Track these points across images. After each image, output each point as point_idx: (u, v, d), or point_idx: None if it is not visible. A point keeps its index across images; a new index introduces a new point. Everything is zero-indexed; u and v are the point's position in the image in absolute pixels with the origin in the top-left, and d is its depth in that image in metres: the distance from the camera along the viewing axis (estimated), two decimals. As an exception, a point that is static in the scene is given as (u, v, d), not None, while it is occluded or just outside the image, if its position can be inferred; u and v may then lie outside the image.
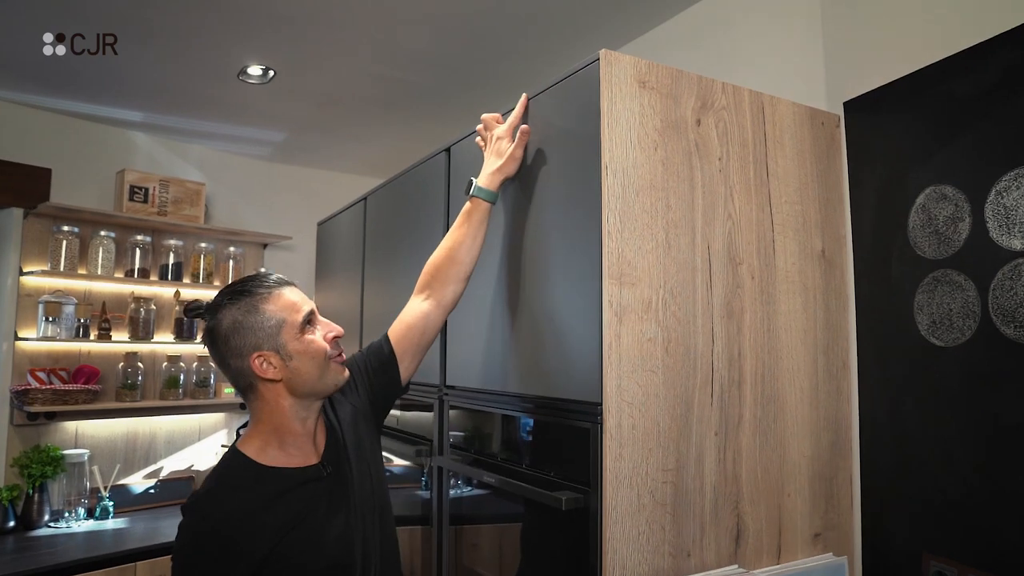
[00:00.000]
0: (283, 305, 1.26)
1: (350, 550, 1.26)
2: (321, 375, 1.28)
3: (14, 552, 2.82)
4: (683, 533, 1.40)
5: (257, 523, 1.19)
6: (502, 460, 1.65)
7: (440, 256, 1.54)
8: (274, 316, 1.25)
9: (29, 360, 3.25)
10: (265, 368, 1.24)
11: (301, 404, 1.28)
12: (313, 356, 1.26)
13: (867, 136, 1.71)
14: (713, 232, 1.49)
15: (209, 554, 1.17)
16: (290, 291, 1.29)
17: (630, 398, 1.34)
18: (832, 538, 1.65)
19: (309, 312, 1.28)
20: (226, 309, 1.25)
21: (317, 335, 1.28)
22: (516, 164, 1.57)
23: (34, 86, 3.06)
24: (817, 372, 1.65)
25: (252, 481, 1.23)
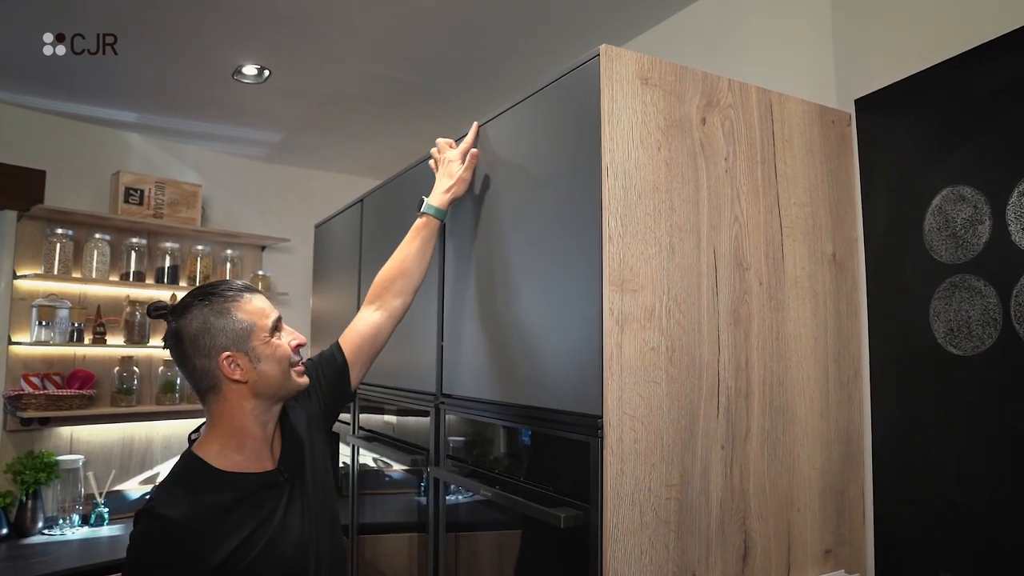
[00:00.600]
0: (252, 310, 1.30)
1: (305, 555, 1.29)
2: (285, 379, 1.32)
3: (7, 560, 2.77)
4: (688, 551, 1.34)
5: (214, 529, 1.19)
6: (500, 472, 1.59)
7: (390, 269, 1.61)
8: (244, 320, 1.28)
9: (23, 365, 3.20)
10: (232, 369, 1.26)
11: (263, 407, 1.31)
12: (279, 360, 1.30)
13: (879, 135, 1.64)
14: (719, 236, 1.43)
15: (163, 560, 1.16)
16: (258, 298, 1.34)
17: (632, 410, 1.27)
18: (844, 554, 1.58)
19: (277, 319, 1.33)
20: (196, 309, 1.27)
21: (283, 341, 1.33)
22: (465, 186, 1.67)
23: (28, 86, 3.01)
24: (828, 381, 1.59)
25: (209, 486, 1.23)
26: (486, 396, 1.63)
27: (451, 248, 1.84)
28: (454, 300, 1.81)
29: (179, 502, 1.19)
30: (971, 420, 1.41)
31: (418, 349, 1.99)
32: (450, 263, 1.84)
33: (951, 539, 1.44)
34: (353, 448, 2.47)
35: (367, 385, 2.39)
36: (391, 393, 2.19)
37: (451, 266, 1.84)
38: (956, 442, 1.44)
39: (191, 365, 1.27)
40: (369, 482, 2.42)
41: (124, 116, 3.38)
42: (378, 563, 2.31)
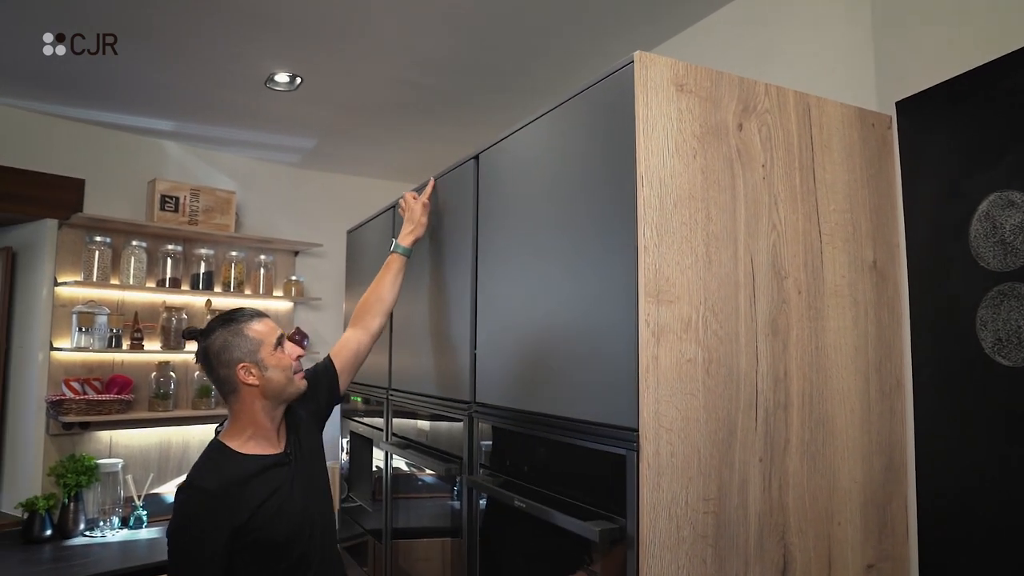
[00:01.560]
0: (260, 330, 1.66)
1: (306, 517, 1.62)
2: (287, 383, 1.66)
3: (52, 561, 2.83)
4: (726, 567, 1.31)
5: (239, 497, 1.53)
6: (534, 483, 1.58)
7: (369, 296, 1.99)
8: (254, 338, 1.64)
9: (64, 370, 3.27)
10: (247, 376, 1.61)
11: (271, 405, 1.65)
12: (283, 369, 1.65)
13: (922, 138, 1.59)
14: (757, 244, 1.40)
15: (201, 522, 1.50)
16: (265, 322, 1.70)
17: (668, 423, 1.25)
18: (887, 570, 1.54)
19: (280, 336, 1.68)
20: (218, 331, 1.64)
21: (281, 350, 1.67)
22: (423, 230, 2.07)
23: (66, 97, 3.07)
24: (869, 392, 1.55)
25: (233, 464, 1.58)
26: (520, 406, 1.62)
27: (483, 257, 1.84)
28: (487, 309, 1.81)
29: (211, 476, 1.55)
30: (1021, 434, 1.36)
31: (451, 357, 1.99)
32: (483, 271, 1.84)
33: (1001, 556, 1.39)
34: (386, 454, 2.48)
35: (400, 392, 2.39)
36: (424, 400, 2.19)
37: (484, 274, 1.83)
38: (1006, 455, 1.39)
39: (216, 374, 1.63)
40: (402, 486, 2.42)
41: (160, 125, 3.44)
42: (411, 569, 2.31)
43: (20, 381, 3.29)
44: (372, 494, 2.68)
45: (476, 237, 1.87)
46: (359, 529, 2.81)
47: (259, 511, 1.53)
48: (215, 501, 1.50)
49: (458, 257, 1.97)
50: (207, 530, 1.49)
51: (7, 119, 3.20)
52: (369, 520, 2.68)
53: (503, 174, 1.77)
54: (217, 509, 1.50)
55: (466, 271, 1.91)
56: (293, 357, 1.67)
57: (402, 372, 2.40)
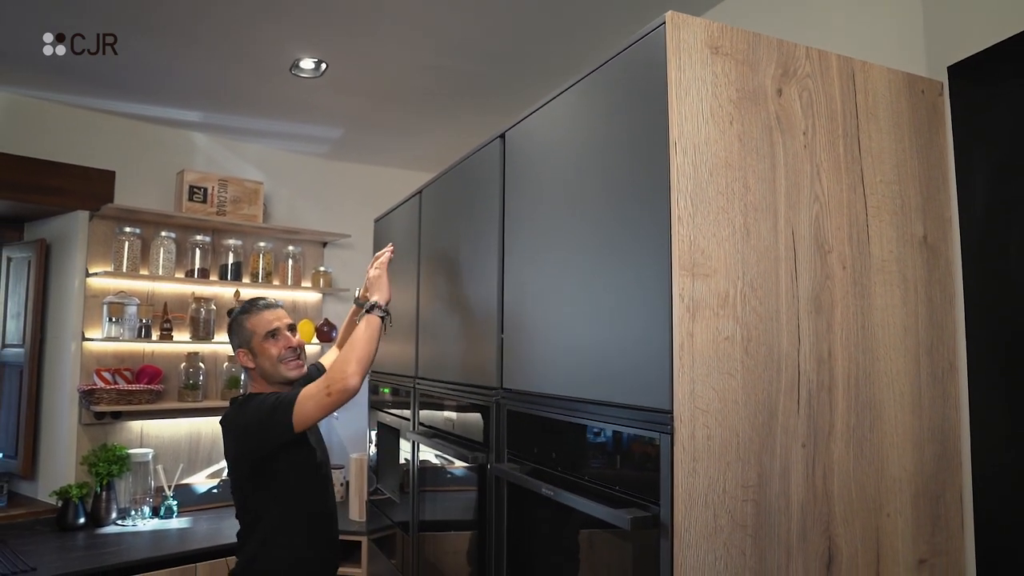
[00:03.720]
0: (258, 321, 1.99)
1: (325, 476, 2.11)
2: (275, 370, 1.99)
3: (85, 549, 2.85)
4: (766, 558, 1.23)
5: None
6: (563, 470, 1.51)
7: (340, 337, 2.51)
8: (251, 328, 2.00)
9: (96, 360, 3.29)
10: (244, 359, 2.02)
11: (272, 385, 2.00)
12: (268, 358, 1.99)
13: (977, 104, 1.49)
14: (798, 216, 1.32)
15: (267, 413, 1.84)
16: (270, 312, 2.02)
17: (705, 405, 1.18)
18: (941, 565, 1.45)
19: (273, 328, 1.99)
20: (235, 316, 2.04)
21: (274, 344, 1.99)
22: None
23: (95, 89, 3.07)
24: (920, 375, 1.45)
25: None
26: (548, 390, 1.56)
27: (510, 238, 1.77)
28: (514, 292, 1.74)
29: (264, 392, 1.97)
30: (1089, 418, 1.26)
31: (478, 343, 1.93)
32: (509, 253, 1.77)
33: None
34: (413, 444, 2.43)
35: (427, 380, 2.34)
36: (450, 388, 2.13)
37: (510, 256, 1.77)
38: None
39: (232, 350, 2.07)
40: (429, 479, 2.37)
41: (188, 116, 3.44)
42: (439, 562, 2.26)
43: (54, 371, 3.31)
44: (400, 487, 2.64)
45: (502, 218, 1.81)
46: (387, 521, 2.76)
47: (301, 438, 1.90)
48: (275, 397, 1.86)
49: (484, 241, 1.91)
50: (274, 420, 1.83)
51: (39, 112, 3.22)
52: (397, 512, 2.64)
53: (529, 151, 1.71)
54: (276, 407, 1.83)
55: (493, 254, 1.85)
56: (280, 347, 1.98)
57: (429, 360, 2.35)
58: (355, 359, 1.82)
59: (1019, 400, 1.39)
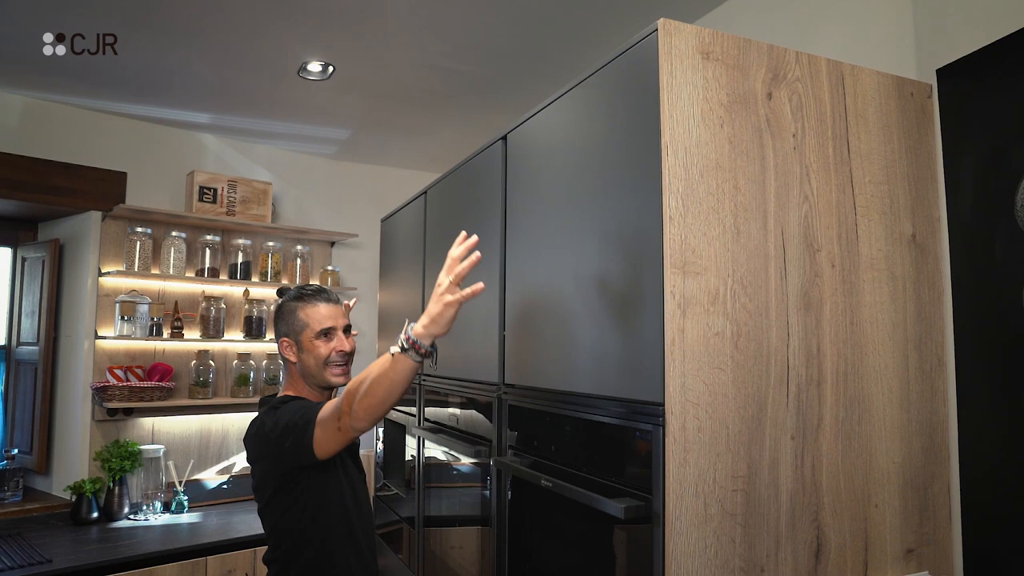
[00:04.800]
0: (313, 313, 1.73)
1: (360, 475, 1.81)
2: (319, 372, 1.73)
3: (99, 542, 2.91)
4: (756, 547, 1.28)
5: None
6: (562, 462, 1.56)
7: None
8: (304, 320, 1.73)
9: (108, 358, 3.35)
10: (286, 350, 1.76)
11: (311, 387, 1.76)
12: (316, 357, 1.73)
13: (964, 106, 1.53)
14: (787, 216, 1.36)
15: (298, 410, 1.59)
16: (327, 306, 1.75)
17: (695, 398, 1.22)
18: (928, 555, 1.49)
19: (328, 327, 1.73)
20: (284, 301, 1.79)
21: (325, 344, 1.73)
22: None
23: (108, 91, 3.14)
24: (908, 370, 1.49)
25: None
26: (547, 385, 1.60)
27: (511, 238, 1.82)
28: (515, 290, 1.79)
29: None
30: (1070, 411, 1.30)
31: (480, 340, 1.98)
32: (511, 253, 1.82)
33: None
34: (419, 440, 2.48)
35: (432, 377, 2.39)
36: (455, 384, 2.18)
37: (512, 255, 1.82)
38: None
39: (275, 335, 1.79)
40: (434, 476, 2.42)
41: (198, 118, 3.50)
42: (444, 556, 2.31)
43: (67, 369, 3.38)
44: (406, 483, 2.69)
45: (504, 218, 1.86)
46: (394, 516, 2.82)
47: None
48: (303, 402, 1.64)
49: (487, 240, 1.95)
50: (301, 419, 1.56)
51: (53, 115, 3.29)
52: (403, 507, 2.69)
53: (530, 153, 1.76)
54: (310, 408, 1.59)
55: (495, 254, 1.89)
56: (332, 350, 1.72)
57: (433, 357, 2.40)
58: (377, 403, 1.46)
59: (1007, 394, 1.43)
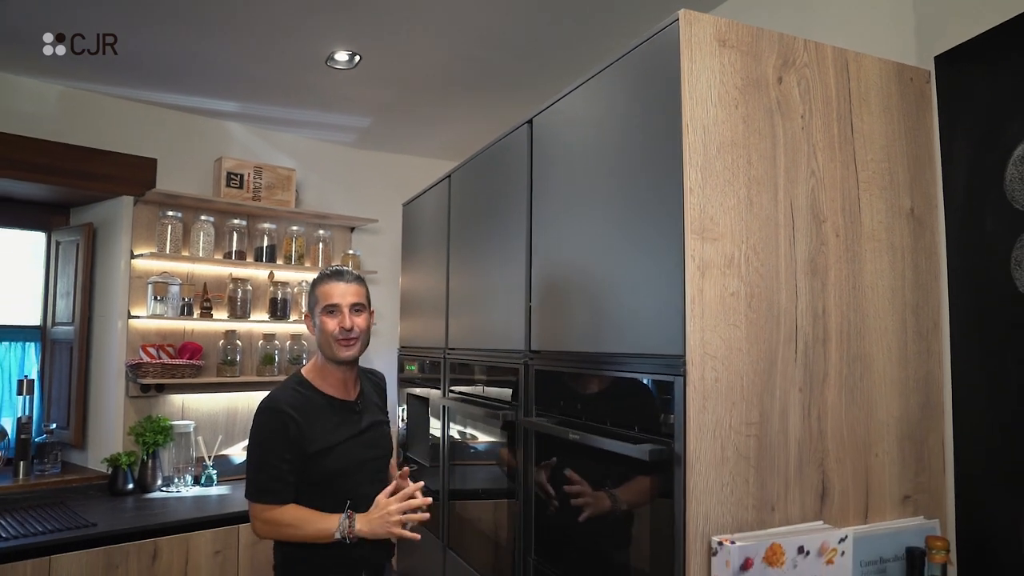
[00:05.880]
0: (323, 292, 1.88)
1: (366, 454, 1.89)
2: (328, 345, 1.86)
3: (135, 510, 3.06)
4: (767, 487, 1.42)
5: (312, 422, 1.80)
6: (586, 419, 1.70)
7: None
8: (316, 297, 1.89)
9: (140, 337, 3.50)
10: (308, 324, 1.95)
11: (330, 361, 1.88)
12: (323, 331, 1.86)
13: (960, 90, 1.66)
14: (796, 189, 1.49)
15: (277, 434, 1.76)
16: (337, 286, 1.88)
17: (713, 351, 1.36)
18: (923, 501, 1.63)
19: (334, 304, 1.86)
20: (315, 278, 1.94)
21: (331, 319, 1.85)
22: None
23: (140, 81, 3.27)
24: (906, 332, 1.63)
25: (310, 392, 1.86)
26: (574, 348, 1.74)
27: (537, 215, 1.96)
28: (541, 263, 1.93)
29: (289, 398, 1.82)
30: (1052, 365, 1.43)
31: (506, 312, 2.11)
32: (537, 228, 1.96)
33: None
34: (444, 409, 2.62)
35: (458, 350, 2.53)
36: (482, 355, 2.32)
37: (538, 231, 1.95)
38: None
39: None
40: (458, 454, 2.57)
41: (225, 106, 3.63)
42: (471, 524, 2.45)
43: (102, 348, 3.52)
44: (430, 454, 2.83)
45: (530, 197, 1.99)
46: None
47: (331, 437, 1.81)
48: (290, 418, 1.77)
49: (513, 218, 2.09)
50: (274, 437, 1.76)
51: (87, 103, 3.43)
52: (427, 480, 2.84)
53: (556, 134, 1.89)
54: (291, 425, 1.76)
55: (521, 230, 2.03)
56: (335, 325, 1.84)
57: (459, 332, 2.54)
58: (286, 531, 1.76)
59: (997, 355, 1.56)
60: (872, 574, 1.50)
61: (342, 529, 1.72)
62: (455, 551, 2.51)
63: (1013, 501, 1.50)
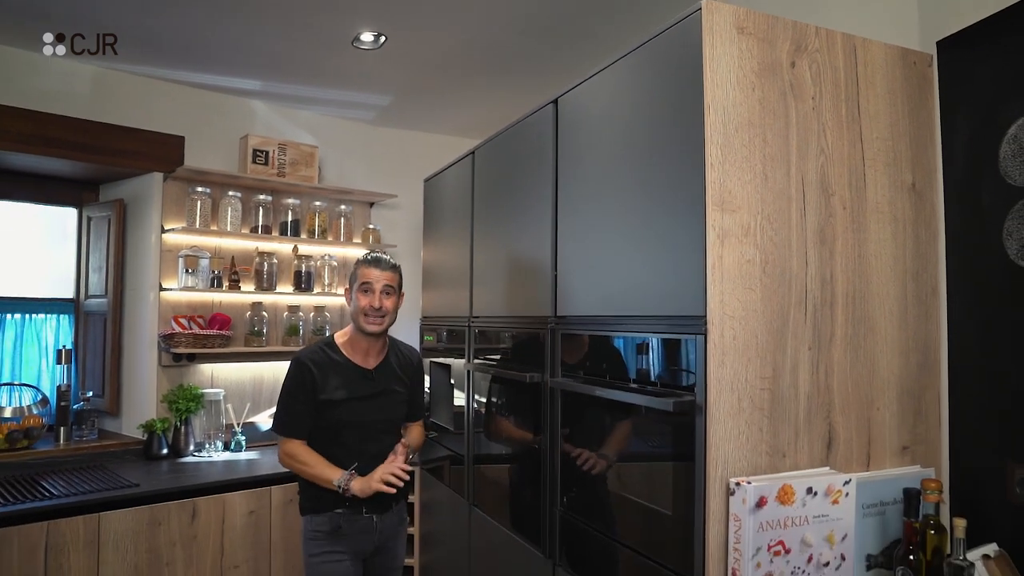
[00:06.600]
0: (362, 272, 2.32)
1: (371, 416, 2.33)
2: (358, 318, 2.32)
3: (169, 473, 3.24)
4: (779, 435, 1.57)
5: (327, 376, 2.29)
6: (611, 378, 1.85)
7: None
8: (356, 275, 2.34)
9: (171, 308, 3.65)
10: (346, 296, 2.40)
11: (354, 328, 2.35)
12: (356, 307, 2.32)
13: (960, 73, 1.79)
14: (807, 165, 1.63)
15: (299, 381, 2.28)
16: (374, 271, 2.31)
17: (731, 312, 1.51)
18: (920, 451, 1.78)
19: (368, 283, 2.29)
20: (358, 259, 2.38)
21: (364, 297, 2.29)
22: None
23: (168, 60, 3.39)
24: (906, 297, 1.77)
25: (334, 353, 2.35)
26: (601, 312, 1.89)
27: (563, 188, 2.09)
28: (567, 233, 2.07)
29: (313, 355, 2.33)
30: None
31: (532, 280, 2.26)
32: (563, 201, 2.09)
33: (1021, 435, 1.62)
34: (468, 375, 2.77)
35: (481, 318, 2.68)
36: (507, 322, 2.47)
37: (564, 203, 2.09)
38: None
39: None
40: (482, 418, 2.72)
41: (251, 85, 3.76)
42: (496, 484, 2.62)
43: (134, 319, 3.67)
44: (454, 420, 2.99)
45: (556, 171, 2.12)
46: (442, 452, 3.12)
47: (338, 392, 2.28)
48: (308, 369, 2.27)
49: (539, 192, 2.23)
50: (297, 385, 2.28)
51: (117, 82, 3.55)
52: (452, 443, 3.00)
53: (582, 113, 2.02)
54: (309, 375, 2.26)
55: (547, 204, 2.16)
56: (367, 302, 2.28)
57: (483, 301, 2.68)
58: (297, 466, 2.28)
59: (989, 319, 1.71)
60: (872, 515, 1.66)
61: (340, 483, 2.20)
62: (479, 508, 2.67)
63: (1001, 449, 1.66)
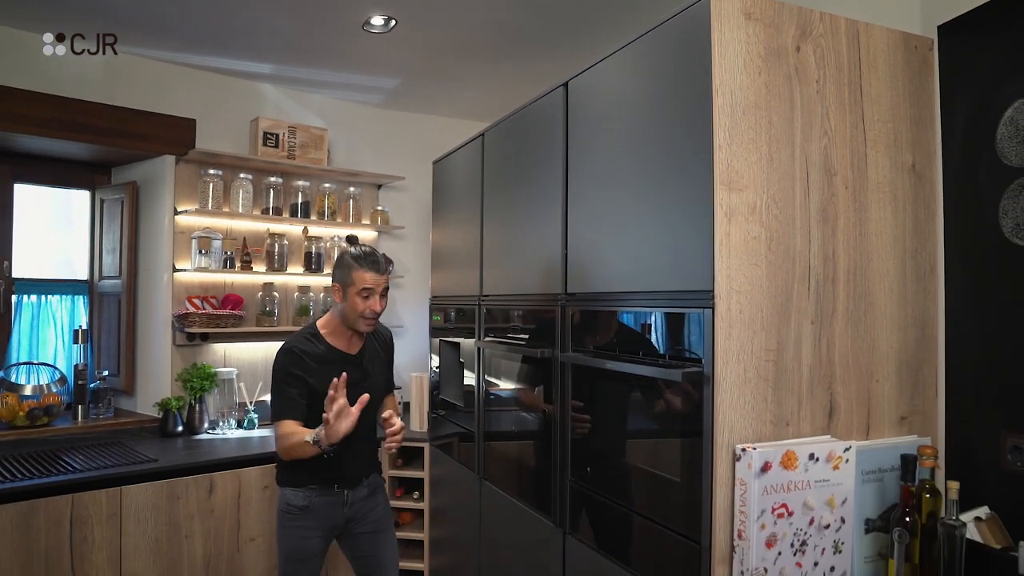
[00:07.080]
0: (361, 277, 2.35)
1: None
2: (353, 319, 2.40)
3: (184, 449, 3.32)
4: (783, 405, 1.65)
5: (316, 364, 2.38)
6: (620, 352, 1.92)
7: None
8: (353, 278, 2.35)
9: (184, 289, 3.72)
10: (335, 292, 2.43)
11: (345, 325, 2.43)
12: (353, 308, 2.38)
13: (959, 57, 1.84)
14: (811, 146, 1.69)
15: (287, 370, 2.36)
16: (374, 276, 2.36)
17: (738, 286, 1.58)
18: (917, 422, 1.86)
19: (367, 288, 2.35)
20: (349, 255, 2.40)
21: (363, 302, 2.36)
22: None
23: (180, 44, 3.44)
24: (905, 274, 1.84)
25: (318, 342, 2.44)
26: (611, 288, 1.96)
27: (573, 168, 2.15)
28: (578, 212, 2.13)
29: (300, 343, 2.41)
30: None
31: (543, 258, 2.32)
32: (573, 180, 2.16)
33: (1014, 408, 1.70)
34: (479, 352, 2.84)
35: (491, 296, 2.75)
36: (518, 300, 2.54)
37: (574, 182, 2.15)
38: (1021, 322, 1.68)
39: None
40: (492, 395, 2.80)
41: (261, 68, 3.80)
42: (503, 459, 2.70)
43: (148, 299, 3.75)
44: (464, 398, 3.06)
45: (566, 152, 2.19)
46: (452, 428, 3.20)
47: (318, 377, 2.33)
48: (298, 357, 2.36)
49: (550, 173, 2.29)
50: (286, 374, 2.35)
51: (130, 66, 3.60)
52: (462, 420, 3.07)
53: (592, 95, 2.08)
54: (298, 363, 2.35)
55: (557, 184, 2.23)
56: (367, 307, 2.35)
57: (494, 280, 2.75)
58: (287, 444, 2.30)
59: (984, 296, 1.78)
60: (871, 481, 1.74)
61: (314, 436, 2.22)
62: (490, 481, 2.76)
63: (995, 420, 1.73)
